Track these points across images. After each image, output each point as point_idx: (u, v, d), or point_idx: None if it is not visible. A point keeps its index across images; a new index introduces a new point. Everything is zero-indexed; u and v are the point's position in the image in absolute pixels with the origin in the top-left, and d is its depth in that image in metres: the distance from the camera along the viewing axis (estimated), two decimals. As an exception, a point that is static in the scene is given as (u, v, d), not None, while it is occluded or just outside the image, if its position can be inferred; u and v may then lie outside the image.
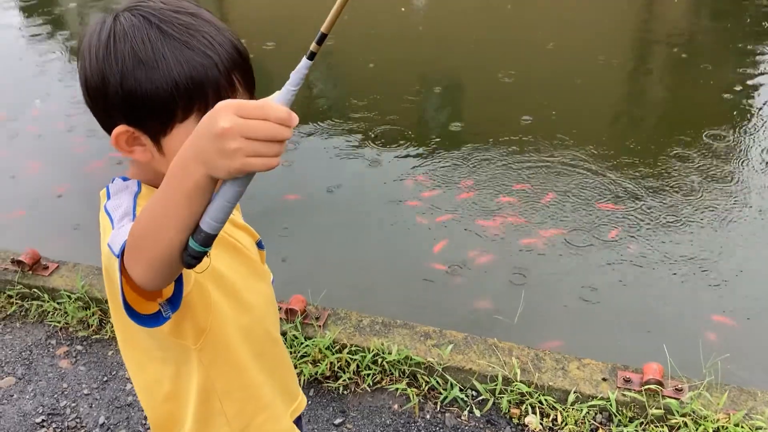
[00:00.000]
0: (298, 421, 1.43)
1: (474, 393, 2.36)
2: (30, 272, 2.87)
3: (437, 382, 2.37)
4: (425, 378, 2.39)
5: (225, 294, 1.07)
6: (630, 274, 3.08)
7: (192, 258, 0.73)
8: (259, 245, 1.26)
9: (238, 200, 0.71)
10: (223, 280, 1.06)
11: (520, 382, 2.30)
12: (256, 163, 0.67)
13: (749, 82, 4.94)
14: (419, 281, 3.12)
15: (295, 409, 1.37)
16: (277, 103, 0.67)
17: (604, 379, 2.29)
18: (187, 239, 0.72)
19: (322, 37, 0.66)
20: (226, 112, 0.65)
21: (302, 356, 2.45)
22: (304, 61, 0.67)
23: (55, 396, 2.45)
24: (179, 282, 0.85)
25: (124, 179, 1.00)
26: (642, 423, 2.21)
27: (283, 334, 2.50)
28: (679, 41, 5.93)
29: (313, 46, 0.66)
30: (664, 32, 6.21)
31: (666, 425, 2.19)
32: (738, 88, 4.83)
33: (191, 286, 0.94)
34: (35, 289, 2.83)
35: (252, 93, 0.95)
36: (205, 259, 0.75)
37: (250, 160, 0.66)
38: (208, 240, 0.72)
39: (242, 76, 0.92)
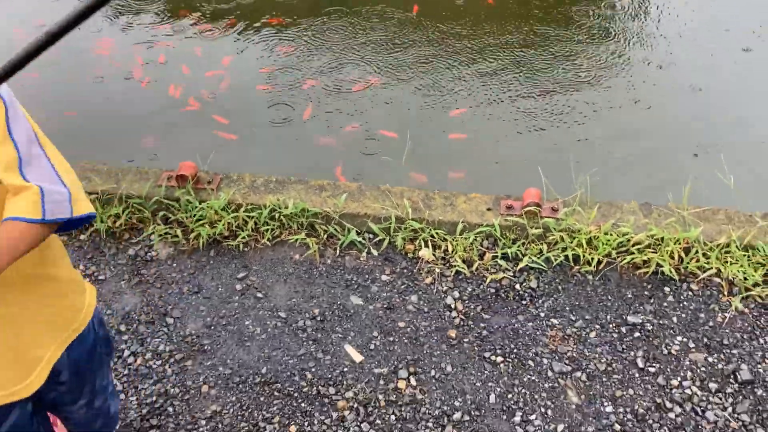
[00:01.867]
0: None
1: (371, 236, 2.47)
2: None
3: (335, 229, 2.46)
4: (323, 227, 2.47)
5: None
6: (510, 108, 3.24)
7: None
8: None
9: None
10: None
11: (412, 220, 2.42)
12: None
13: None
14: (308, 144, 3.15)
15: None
16: None
17: (488, 209, 2.45)
18: None
19: None
20: None
21: (198, 219, 2.46)
22: None
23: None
24: None
25: None
26: (524, 243, 2.39)
27: (176, 200, 2.50)
28: None
29: None
30: None
31: (545, 242, 2.38)
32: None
33: None
34: None
35: None
36: None
37: None
38: None
39: None
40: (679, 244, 2.30)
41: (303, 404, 1.99)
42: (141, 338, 2.17)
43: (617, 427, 1.92)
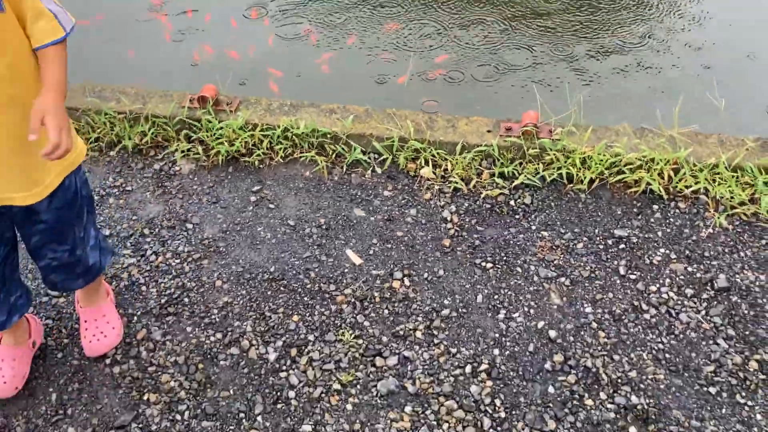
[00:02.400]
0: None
1: (375, 155, 2.62)
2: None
3: (342, 149, 2.62)
4: (332, 147, 2.63)
5: None
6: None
7: None
8: None
9: None
10: None
11: (415, 140, 2.56)
12: None
13: None
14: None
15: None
16: None
17: (488, 131, 2.57)
18: None
19: None
20: None
21: (217, 138, 2.65)
22: None
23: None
24: None
25: None
26: (521, 162, 2.52)
27: (198, 120, 2.69)
28: None
29: None
30: None
31: (541, 162, 2.50)
32: None
33: None
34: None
35: None
36: None
37: None
38: None
39: None
40: (669, 164, 2.39)
41: (305, 298, 2.18)
42: (162, 240, 2.39)
43: (594, 325, 2.06)
